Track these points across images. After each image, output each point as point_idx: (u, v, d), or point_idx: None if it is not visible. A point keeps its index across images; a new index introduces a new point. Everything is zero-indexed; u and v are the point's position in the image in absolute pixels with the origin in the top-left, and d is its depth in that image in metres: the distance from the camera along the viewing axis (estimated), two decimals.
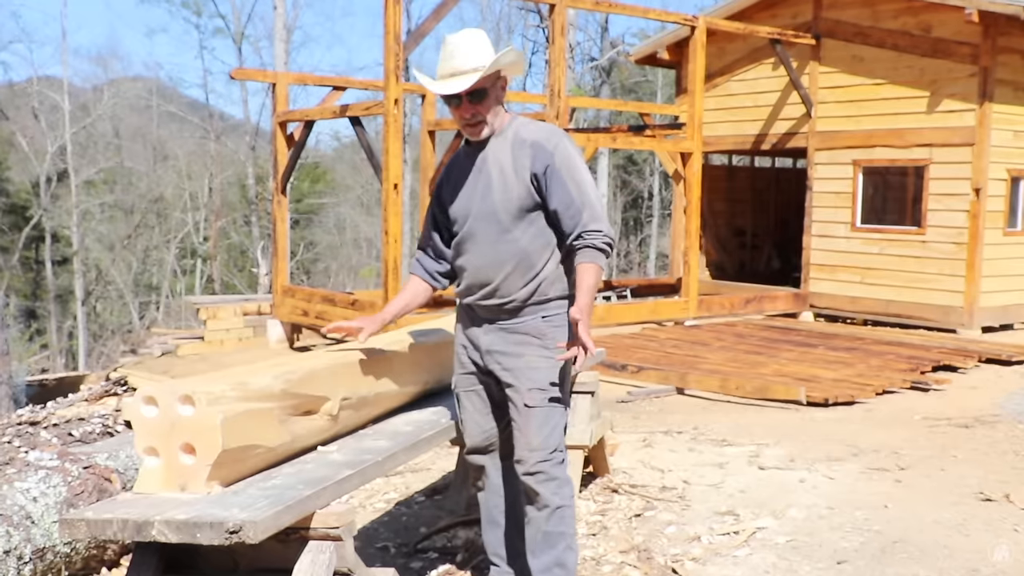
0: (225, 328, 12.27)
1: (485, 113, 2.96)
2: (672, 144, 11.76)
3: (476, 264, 3.01)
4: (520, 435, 3.02)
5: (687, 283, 11.12)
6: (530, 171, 2.93)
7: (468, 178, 3.04)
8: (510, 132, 3.01)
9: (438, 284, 3.23)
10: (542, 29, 26.95)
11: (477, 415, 3.17)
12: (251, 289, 27.40)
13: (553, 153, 2.92)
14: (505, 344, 3.03)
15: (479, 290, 3.02)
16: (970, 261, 10.82)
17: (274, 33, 21.61)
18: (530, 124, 3.04)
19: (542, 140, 2.95)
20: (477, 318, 3.09)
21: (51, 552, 3.25)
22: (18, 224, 29.56)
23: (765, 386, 7.56)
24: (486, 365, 3.08)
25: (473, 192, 3.02)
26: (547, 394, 3.01)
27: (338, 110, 10.39)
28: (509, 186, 2.95)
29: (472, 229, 3.02)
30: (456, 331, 3.22)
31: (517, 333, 3.02)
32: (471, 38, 2.94)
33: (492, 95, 2.97)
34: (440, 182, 3.18)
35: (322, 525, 2.50)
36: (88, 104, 31.75)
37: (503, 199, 2.95)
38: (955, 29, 10.81)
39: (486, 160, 3.00)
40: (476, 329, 3.10)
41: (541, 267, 2.98)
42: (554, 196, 2.92)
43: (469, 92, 2.91)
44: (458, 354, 3.19)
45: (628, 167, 32.82)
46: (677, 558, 3.81)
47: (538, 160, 2.92)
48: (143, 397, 2.54)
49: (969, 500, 4.58)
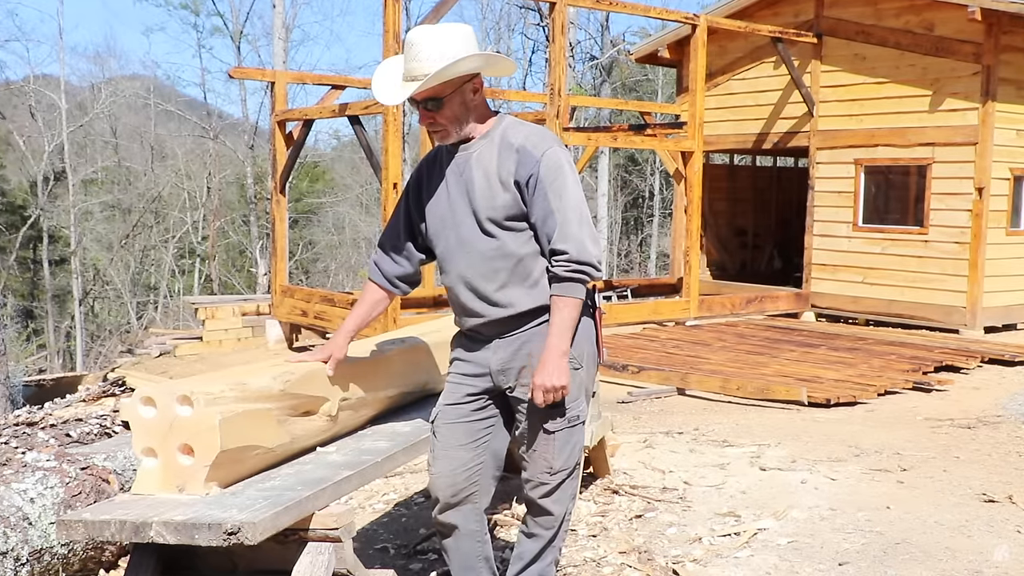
0: (223, 328, 12.25)
1: (445, 122, 2.71)
2: (673, 143, 11.74)
3: (468, 276, 2.76)
4: (539, 458, 2.79)
5: (688, 283, 11.09)
6: (514, 178, 2.69)
7: (448, 180, 2.80)
8: (497, 134, 2.76)
9: (397, 290, 2.96)
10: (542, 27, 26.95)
11: (461, 450, 2.81)
12: (250, 289, 27.38)
13: (540, 161, 2.67)
14: (520, 359, 2.76)
15: (477, 303, 2.76)
16: (973, 261, 10.79)
17: (273, 32, 21.59)
18: (520, 126, 2.78)
19: (530, 146, 2.69)
20: (480, 338, 2.82)
21: (48, 553, 3.23)
22: (15, 224, 29.52)
23: (766, 386, 7.54)
24: (499, 386, 2.80)
25: (454, 195, 2.78)
26: (568, 413, 2.77)
27: (337, 109, 10.37)
28: (494, 192, 2.71)
29: (455, 237, 2.77)
30: (454, 363, 2.90)
31: (531, 343, 2.75)
32: (434, 37, 2.66)
33: (456, 100, 2.70)
34: (416, 180, 2.91)
35: (321, 526, 2.49)
36: (85, 103, 31.70)
37: (487, 205, 2.71)
38: (958, 27, 10.78)
39: (469, 162, 2.76)
40: (482, 352, 2.81)
41: (540, 273, 2.73)
42: (534, 209, 2.68)
43: (421, 100, 2.69)
44: (454, 383, 2.86)
45: (629, 166, 32.82)
46: (678, 559, 3.79)
47: (523, 167, 2.68)
48: (141, 397, 2.53)
49: (972, 501, 4.56)
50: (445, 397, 2.88)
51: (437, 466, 2.83)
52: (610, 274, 28.15)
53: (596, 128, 17.44)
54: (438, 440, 2.84)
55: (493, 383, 2.81)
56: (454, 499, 2.82)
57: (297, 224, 30.45)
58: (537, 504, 2.85)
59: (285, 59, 21.42)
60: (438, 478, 2.83)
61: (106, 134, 32.85)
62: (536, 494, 2.83)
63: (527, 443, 2.80)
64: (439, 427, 2.84)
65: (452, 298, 2.84)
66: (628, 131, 13.72)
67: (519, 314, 2.75)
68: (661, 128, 13.65)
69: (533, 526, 2.89)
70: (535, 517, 2.88)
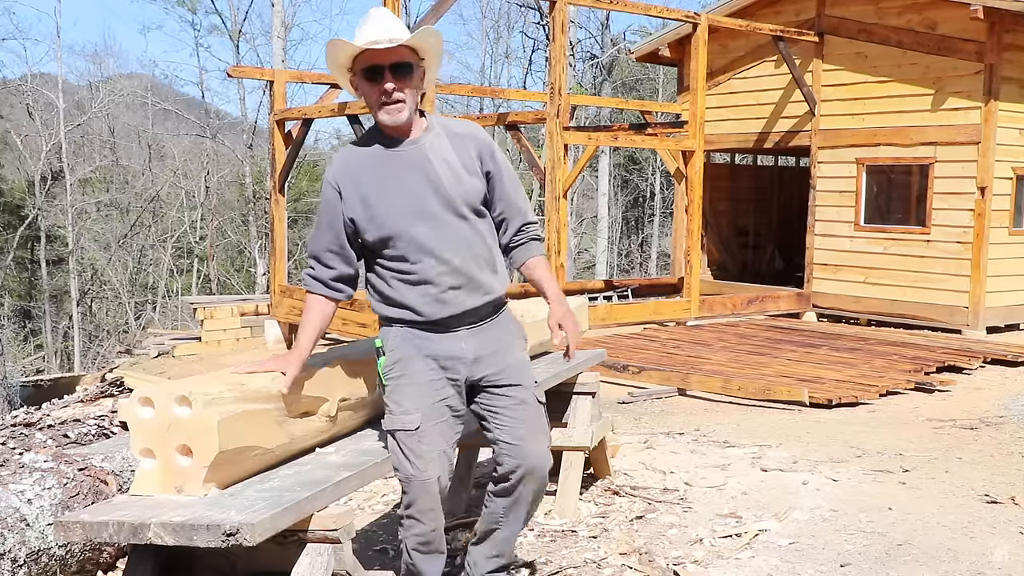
0: (222, 328, 12.24)
1: (405, 95, 2.75)
2: (674, 143, 11.72)
3: (455, 264, 2.77)
4: (529, 437, 2.85)
5: (689, 283, 11.07)
6: (481, 166, 2.85)
7: (404, 176, 2.78)
8: (439, 127, 2.86)
9: (342, 295, 2.89)
10: (543, 26, 26.94)
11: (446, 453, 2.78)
12: (248, 289, 27.36)
13: (492, 148, 2.90)
14: (494, 343, 2.86)
15: (460, 289, 2.78)
16: (975, 261, 10.77)
17: (271, 30, 21.58)
18: (451, 120, 2.96)
19: (477, 134, 2.89)
20: (448, 327, 2.80)
21: (46, 555, 3.21)
22: (13, 223, 29.49)
23: (768, 387, 7.52)
24: (474, 375, 2.83)
25: (417, 189, 2.77)
26: (539, 392, 2.97)
27: (336, 108, 10.35)
28: (463, 180, 2.80)
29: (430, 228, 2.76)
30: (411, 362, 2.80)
31: (499, 328, 2.90)
32: (393, 16, 2.79)
33: (417, 76, 2.80)
34: (348, 185, 2.80)
35: (320, 527, 2.47)
36: (83, 102, 31.68)
37: (460, 192, 2.79)
38: (960, 26, 10.76)
39: (427, 155, 2.79)
40: (449, 342, 2.81)
41: (501, 261, 2.92)
42: (500, 192, 2.90)
43: (392, 65, 2.72)
44: (426, 385, 2.79)
45: (629, 166, 32.82)
46: (679, 560, 3.78)
47: (484, 155, 2.86)
48: (139, 398, 2.52)
49: (974, 502, 4.54)
50: (422, 397, 2.77)
51: (434, 468, 2.74)
52: (611, 274, 28.15)
53: (597, 127, 17.42)
54: (425, 444, 2.74)
55: (466, 372, 2.83)
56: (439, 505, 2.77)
57: (296, 224, 30.42)
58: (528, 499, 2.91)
59: (284, 58, 21.42)
60: (430, 483, 2.73)
61: (104, 133, 32.81)
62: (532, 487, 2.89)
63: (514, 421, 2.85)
64: (427, 429, 2.75)
65: (423, 290, 2.78)
66: (629, 130, 13.69)
67: (494, 300, 2.87)
68: (662, 127, 13.62)
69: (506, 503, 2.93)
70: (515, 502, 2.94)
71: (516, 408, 2.87)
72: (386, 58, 2.72)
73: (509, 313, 2.98)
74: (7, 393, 7.45)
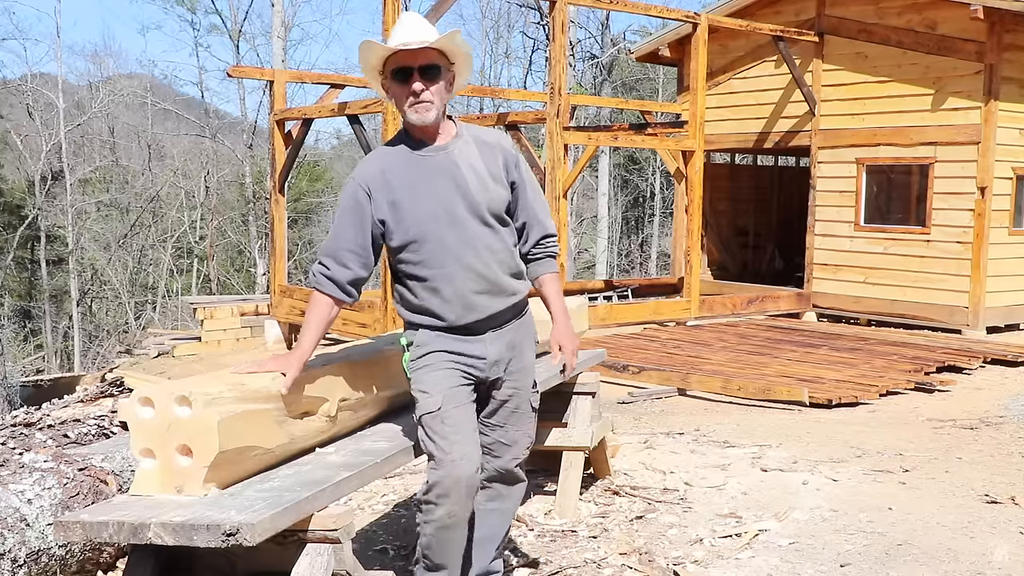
0: (222, 328, 12.23)
1: (433, 96, 2.80)
2: (674, 142, 11.72)
3: (479, 269, 2.83)
4: (523, 436, 3.07)
5: (689, 283, 11.07)
6: (507, 175, 2.91)
7: (434, 180, 2.83)
8: (467, 135, 2.92)
9: (351, 299, 2.90)
10: (542, 26, 26.94)
11: (474, 432, 2.87)
12: (248, 289, 27.35)
13: (518, 158, 2.95)
14: (511, 350, 2.97)
15: (484, 293, 2.85)
16: (975, 261, 10.77)
17: (271, 30, 21.57)
18: (480, 128, 3.00)
19: (504, 144, 2.95)
20: (473, 332, 2.88)
21: (46, 555, 3.21)
22: (13, 223, 29.48)
23: (768, 387, 7.52)
24: (489, 377, 2.93)
25: (446, 195, 2.82)
26: (537, 394, 3.11)
27: (336, 108, 10.35)
28: (489, 187, 2.86)
29: (459, 233, 2.81)
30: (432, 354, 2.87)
31: (518, 333, 3.00)
32: (424, 21, 2.84)
33: (446, 79, 2.85)
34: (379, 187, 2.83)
35: (320, 527, 2.47)
36: (83, 102, 31.67)
37: (487, 199, 2.85)
38: (960, 26, 10.76)
39: (455, 161, 2.85)
40: (474, 345, 2.88)
41: (520, 266, 2.99)
42: (523, 202, 2.96)
43: (421, 66, 2.77)
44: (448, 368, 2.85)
45: (629, 166, 32.81)
46: (679, 561, 3.78)
47: (510, 164, 2.92)
48: (139, 398, 2.51)
49: (974, 503, 4.54)
50: (442, 382, 2.83)
51: (458, 449, 2.76)
52: (611, 274, 28.14)
53: (597, 127, 17.42)
54: (448, 425, 2.78)
55: (483, 374, 2.92)
56: (476, 481, 2.81)
57: (296, 224, 30.42)
58: (514, 473, 3.08)
59: (284, 58, 21.42)
60: (465, 462, 2.75)
61: (104, 133, 32.80)
62: (514, 465, 3.07)
63: (511, 424, 3.02)
64: (449, 411, 2.79)
65: (448, 294, 2.83)
66: (629, 130, 13.69)
67: (516, 304, 2.95)
68: (662, 127, 13.62)
69: (506, 498, 3.11)
70: (510, 486, 3.11)
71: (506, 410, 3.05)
72: (415, 60, 2.78)
73: (530, 315, 3.07)
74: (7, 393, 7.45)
